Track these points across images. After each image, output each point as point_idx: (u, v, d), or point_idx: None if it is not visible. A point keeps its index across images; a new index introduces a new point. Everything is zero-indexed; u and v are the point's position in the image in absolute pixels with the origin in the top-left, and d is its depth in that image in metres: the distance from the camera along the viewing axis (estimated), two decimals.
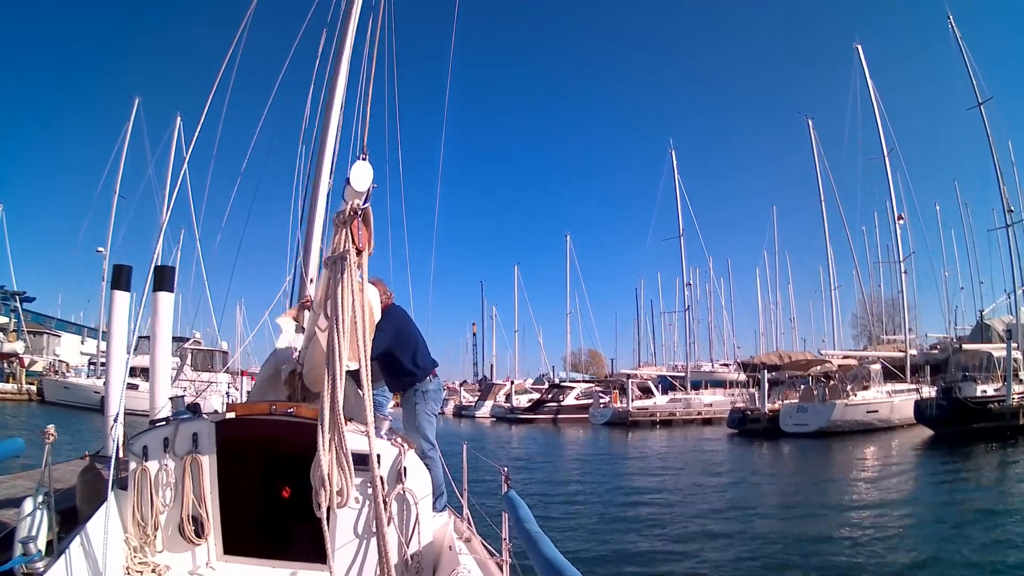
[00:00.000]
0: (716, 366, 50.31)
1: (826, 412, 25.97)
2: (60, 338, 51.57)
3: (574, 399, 42.23)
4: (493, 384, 52.68)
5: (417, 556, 3.47)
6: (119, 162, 36.18)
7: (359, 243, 2.97)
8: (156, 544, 3.53)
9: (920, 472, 16.43)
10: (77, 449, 8.66)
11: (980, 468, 16.74)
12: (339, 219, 2.95)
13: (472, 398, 53.74)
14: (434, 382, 4.84)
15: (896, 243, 34.04)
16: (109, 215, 36.01)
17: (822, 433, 25.28)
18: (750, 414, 29.66)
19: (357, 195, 2.84)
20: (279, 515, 3.79)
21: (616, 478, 15.81)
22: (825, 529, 9.42)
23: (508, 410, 43.73)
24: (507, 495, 3.63)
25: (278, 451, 3.82)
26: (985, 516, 10.19)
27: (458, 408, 50.35)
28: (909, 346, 31.62)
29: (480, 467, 5.66)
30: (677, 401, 39.17)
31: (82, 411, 26.74)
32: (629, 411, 36.05)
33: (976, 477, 15.13)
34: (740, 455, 22.15)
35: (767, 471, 18.08)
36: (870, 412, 26.57)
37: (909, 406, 25.26)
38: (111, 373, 6.29)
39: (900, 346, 32.54)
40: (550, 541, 2.61)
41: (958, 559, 7.78)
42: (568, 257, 55.19)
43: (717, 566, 7.55)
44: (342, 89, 5.65)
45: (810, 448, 22.65)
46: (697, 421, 36.65)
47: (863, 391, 27.70)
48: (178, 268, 26.89)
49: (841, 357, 31.10)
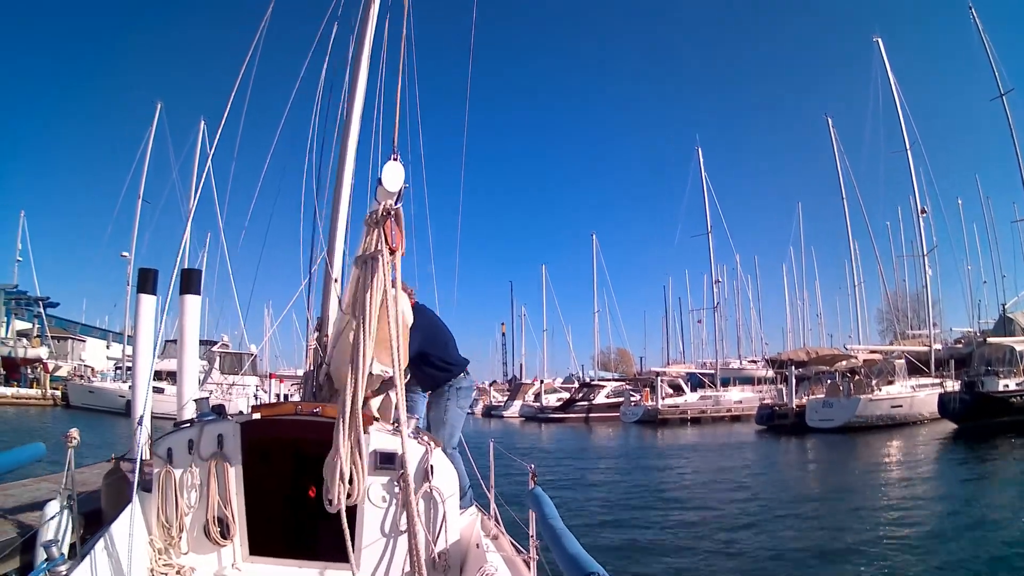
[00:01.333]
0: (744, 363, 50.14)
1: (851, 407, 26.28)
2: (85, 343, 52.16)
3: (605, 398, 42.55)
4: (522, 384, 53.14)
5: (444, 554, 3.47)
6: (142, 167, 36.13)
7: (392, 243, 2.96)
8: (181, 546, 3.55)
9: (940, 467, 16.60)
10: (102, 453, 8.83)
11: (999, 462, 16.90)
12: (371, 219, 2.92)
13: (502, 398, 54.24)
14: (468, 379, 4.85)
15: (920, 237, 34.04)
16: (133, 219, 35.84)
17: (847, 428, 25.62)
18: (778, 410, 30.06)
19: (389, 195, 2.83)
20: (305, 515, 3.77)
21: (644, 475, 16.07)
22: (840, 527, 9.44)
23: (538, 410, 44.12)
24: (533, 492, 3.67)
25: (304, 451, 3.79)
26: (1006, 512, 10.25)
27: (487, 408, 50.70)
28: (933, 340, 31.67)
29: (509, 465, 5.72)
30: (707, 398, 39.53)
31: (108, 415, 27.23)
32: (659, 409, 36.43)
33: (996, 472, 15.30)
34: (765, 451, 22.52)
35: (789, 467, 18.49)
36: (894, 407, 26.84)
37: (933, 400, 25.47)
38: (137, 376, 6.22)
39: (925, 340, 32.59)
40: (574, 537, 2.66)
41: (979, 555, 7.76)
42: (595, 256, 55.39)
43: (738, 562, 7.66)
44: (362, 88, 5.48)
45: (834, 443, 22.98)
46: (726, 418, 36.96)
47: (887, 386, 27.99)
48: (204, 271, 25.75)
49: (866, 352, 31.34)
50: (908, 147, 32.92)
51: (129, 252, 35.67)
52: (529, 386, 51.32)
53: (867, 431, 25.06)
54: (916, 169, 33.26)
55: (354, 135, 5.28)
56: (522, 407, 46.80)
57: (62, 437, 3.79)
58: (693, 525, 9.82)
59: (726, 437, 27.82)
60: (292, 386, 26.97)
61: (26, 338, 42.14)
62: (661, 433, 30.70)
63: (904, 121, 33.05)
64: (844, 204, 37.43)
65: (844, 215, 37.73)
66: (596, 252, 55.50)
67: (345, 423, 3.01)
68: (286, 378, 32.29)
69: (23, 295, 45.34)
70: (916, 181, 33.31)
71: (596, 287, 55.75)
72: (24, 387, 35.91)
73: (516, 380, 59.16)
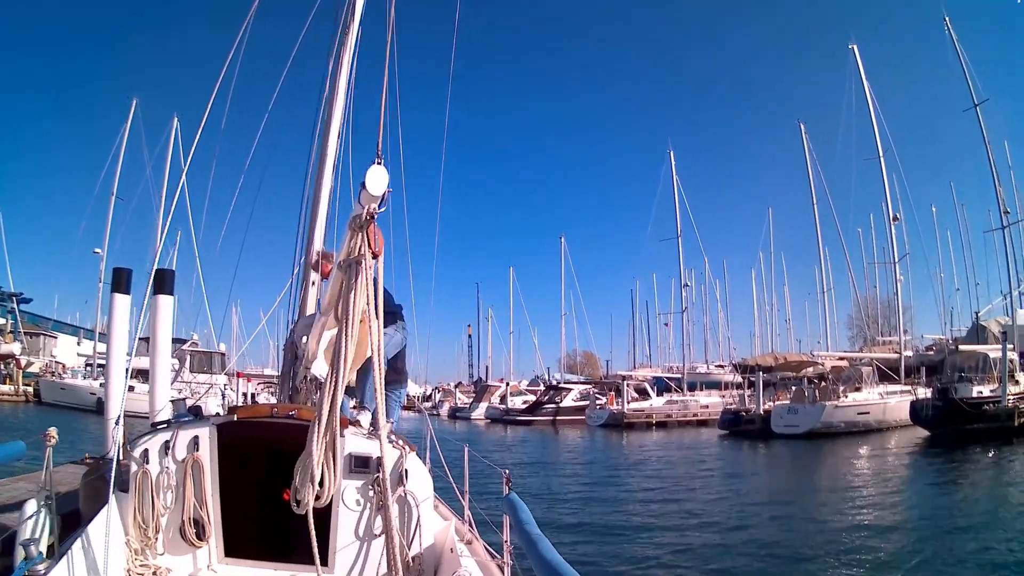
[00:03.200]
0: (712, 367, 50.37)
1: (816, 413, 26.15)
2: (57, 339, 51.12)
3: (572, 400, 42.16)
4: (488, 386, 52.53)
5: (419, 558, 3.48)
6: (116, 163, 36.15)
7: (375, 247, 2.98)
8: (157, 547, 3.54)
9: (911, 474, 16.54)
10: (76, 451, 8.79)
11: (972, 469, 16.89)
12: (355, 223, 2.96)
13: (467, 400, 53.57)
14: (406, 387, 5.00)
15: (891, 244, 34.21)
16: (106, 216, 35.98)
17: (813, 434, 25.44)
18: (744, 415, 29.84)
19: (373, 199, 2.84)
20: (280, 518, 3.75)
21: (610, 480, 15.97)
22: (779, 535, 9.36)
23: (503, 412, 43.64)
24: (508, 497, 3.64)
25: (279, 453, 3.80)
26: (978, 519, 10.19)
27: (453, 410, 50.26)
28: (904, 347, 31.81)
29: (481, 469, 5.58)
30: (673, 403, 39.21)
31: (79, 412, 26.59)
32: (625, 413, 36.08)
33: (970, 478, 15.24)
34: (728, 457, 22.36)
35: (749, 473, 18.29)
36: (860, 413, 26.73)
37: (903, 407, 25.37)
38: (111, 376, 6.26)
39: (895, 347, 32.72)
40: (549, 543, 2.61)
41: (949, 562, 7.74)
42: (563, 258, 55.05)
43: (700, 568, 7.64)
44: (343, 89, 5.67)
45: (799, 449, 22.89)
46: (693, 423, 36.69)
47: (855, 392, 27.85)
48: (176, 270, 26.72)
49: (834, 359, 31.35)
50: (881, 154, 33.24)
51: (102, 249, 35.81)
52: (495, 388, 50.62)
53: (833, 437, 24.89)
54: (889, 176, 33.66)
55: (334, 137, 5.52)
56: (488, 409, 46.18)
57: (41, 436, 3.84)
58: (655, 529, 9.87)
59: (691, 442, 27.57)
60: (259, 385, 26.92)
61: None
62: (626, 437, 30.34)
63: (878, 128, 33.35)
64: (815, 210, 37.67)
65: (815, 221, 37.79)
66: (564, 254, 55.13)
67: (321, 425, 3.00)
68: (253, 377, 31.73)
69: None
70: (889, 188, 33.65)
71: (564, 289, 55.56)
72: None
73: (482, 382, 58.64)
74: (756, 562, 7.91)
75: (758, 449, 23.85)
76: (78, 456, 7.72)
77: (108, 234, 35.80)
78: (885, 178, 33.39)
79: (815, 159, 37.48)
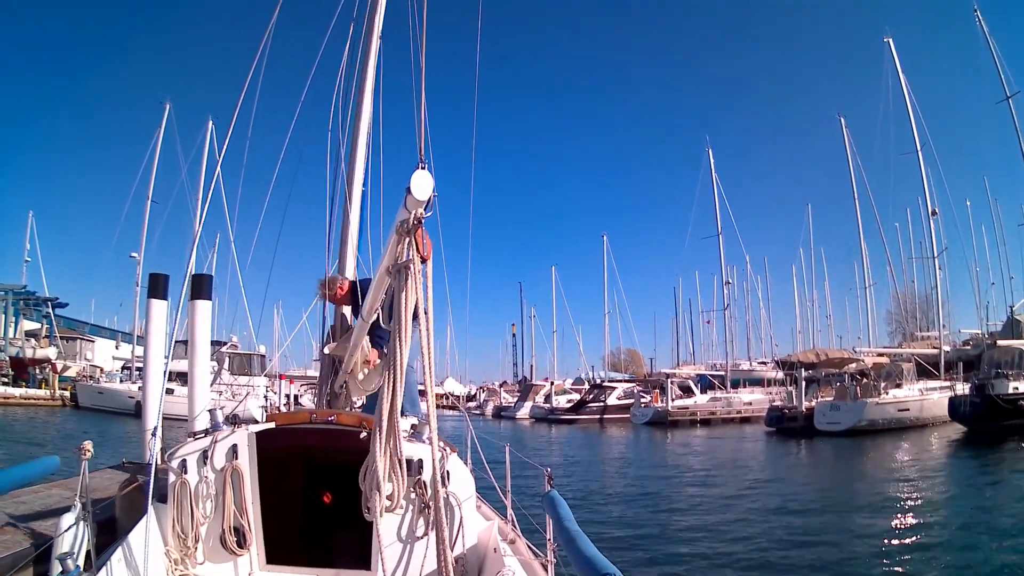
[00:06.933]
0: (755, 364, 50.32)
1: (857, 410, 26.35)
2: (94, 343, 52.18)
3: (616, 399, 42.58)
4: (532, 385, 53.14)
5: (462, 559, 3.50)
6: (151, 167, 35.95)
7: (423, 252, 2.98)
8: (197, 556, 3.55)
9: (951, 471, 16.58)
10: (113, 454, 8.85)
11: (1007, 465, 16.91)
12: (402, 228, 2.92)
13: (512, 399, 54.22)
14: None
15: (930, 238, 33.96)
16: (142, 220, 35.72)
17: (854, 431, 25.69)
18: (788, 413, 30.13)
19: (418, 204, 2.83)
20: (321, 523, 3.81)
21: (654, 477, 16.33)
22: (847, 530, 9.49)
23: (548, 411, 44.31)
24: (548, 495, 3.66)
25: (319, 459, 3.82)
26: (1014, 516, 10.27)
27: (498, 409, 50.89)
28: (942, 342, 31.69)
29: (525, 468, 5.75)
30: (717, 400, 39.59)
31: (117, 416, 27.41)
32: (669, 411, 36.54)
33: (1008, 475, 15.29)
34: (772, 455, 22.65)
35: (795, 471, 18.52)
36: (901, 410, 26.90)
37: (941, 404, 25.55)
38: (148, 384, 6.12)
39: (934, 343, 32.62)
40: (589, 539, 2.67)
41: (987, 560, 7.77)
42: (605, 257, 55.54)
43: (746, 567, 7.76)
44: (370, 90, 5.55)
45: (842, 447, 23.08)
46: (736, 420, 37.01)
47: (895, 389, 28.05)
48: (214, 272, 26.03)
49: (875, 355, 31.46)
50: (919, 148, 32.85)
51: (138, 253, 35.71)
52: (540, 387, 51.34)
53: (875, 434, 25.12)
54: (926, 170, 33.27)
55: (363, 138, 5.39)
56: (532, 408, 46.99)
57: (75, 450, 3.78)
58: (700, 527, 10.07)
59: (736, 439, 28.00)
60: (302, 387, 26.90)
61: (34, 338, 42.32)
62: (671, 435, 30.90)
63: (915, 121, 33.04)
64: (856, 205, 37.36)
65: (856, 216, 37.67)
66: (607, 253, 55.64)
67: (383, 432, 2.98)
68: (296, 379, 32.65)
69: (31, 295, 45.44)
70: (926, 183, 33.32)
71: (607, 288, 55.83)
72: (33, 387, 35.87)
73: (526, 381, 59.12)
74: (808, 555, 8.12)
75: (806, 447, 23.97)
76: (116, 462, 7.64)
77: (144, 238, 35.55)
78: (923, 171, 33.09)
79: (855, 152, 37.31)
